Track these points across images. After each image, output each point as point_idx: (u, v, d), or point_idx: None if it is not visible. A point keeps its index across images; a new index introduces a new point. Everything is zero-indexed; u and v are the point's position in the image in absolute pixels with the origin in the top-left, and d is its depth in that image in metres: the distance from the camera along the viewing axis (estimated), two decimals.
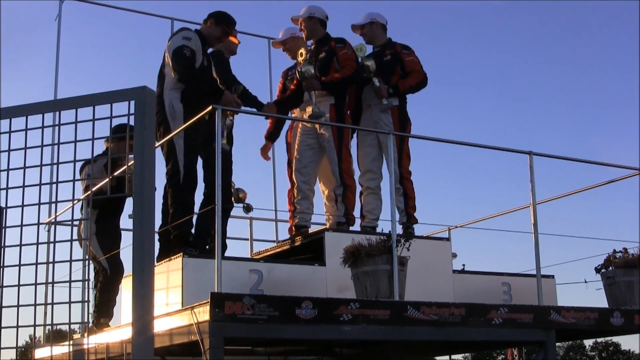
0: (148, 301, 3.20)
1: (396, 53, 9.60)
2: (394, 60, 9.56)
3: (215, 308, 6.17)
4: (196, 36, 8.63)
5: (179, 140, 8.17)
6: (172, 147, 8.18)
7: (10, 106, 3.51)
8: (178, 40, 8.51)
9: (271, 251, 9.32)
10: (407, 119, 9.55)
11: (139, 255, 3.22)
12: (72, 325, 3.47)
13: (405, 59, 9.58)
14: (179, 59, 8.35)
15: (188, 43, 8.46)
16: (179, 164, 8.19)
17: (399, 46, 9.68)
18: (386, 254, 7.27)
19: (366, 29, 9.76)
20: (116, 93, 3.39)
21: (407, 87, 9.48)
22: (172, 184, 8.21)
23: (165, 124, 8.32)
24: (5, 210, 3.64)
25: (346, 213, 9.23)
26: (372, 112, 9.51)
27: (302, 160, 9.36)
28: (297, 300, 6.57)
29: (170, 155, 8.24)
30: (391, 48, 9.66)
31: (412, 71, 9.53)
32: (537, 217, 8.46)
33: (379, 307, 6.93)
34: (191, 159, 8.28)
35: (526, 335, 7.81)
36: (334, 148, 9.22)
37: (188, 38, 8.52)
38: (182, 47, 8.40)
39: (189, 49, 8.42)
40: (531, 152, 8.55)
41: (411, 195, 9.35)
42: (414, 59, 9.62)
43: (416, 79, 9.52)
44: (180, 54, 8.37)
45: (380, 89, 9.32)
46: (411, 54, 9.64)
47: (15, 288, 3.47)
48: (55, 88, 10.92)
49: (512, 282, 9.33)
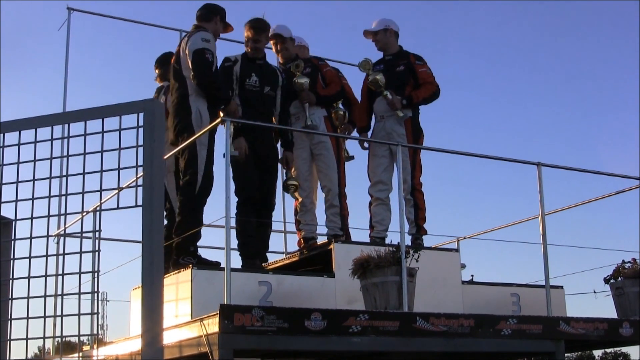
0: (157, 313, 3.21)
1: (410, 64, 9.58)
2: (407, 71, 9.53)
3: (225, 320, 6.16)
4: (212, 37, 8.56)
5: (202, 151, 8.16)
6: (194, 156, 8.16)
7: (19, 119, 3.52)
8: (198, 42, 8.41)
9: (280, 263, 9.31)
10: (420, 130, 9.54)
11: (148, 267, 3.22)
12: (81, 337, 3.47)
13: (418, 70, 9.56)
14: (202, 63, 8.28)
15: (208, 45, 8.40)
16: (197, 174, 8.17)
17: (413, 57, 9.66)
18: (395, 265, 7.26)
19: (380, 36, 9.70)
20: (125, 105, 3.40)
21: (420, 98, 9.47)
22: (186, 193, 8.20)
23: (189, 130, 8.26)
24: (14, 222, 3.64)
25: (343, 227, 9.24)
26: (384, 123, 9.48)
27: (300, 175, 9.37)
28: (307, 312, 6.56)
29: (190, 164, 8.20)
30: (404, 58, 9.64)
31: (425, 82, 9.52)
32: (546, 227, 8.44)
33: (388, 319, 6.92)
34: (210, 170, 8.28)
35: (535, 346, 7.79)
36: (333, 156, 9.31)
37: (207, 40, 8.44)
38: (204, 50, 8.33)
39: (210, 52, 8.36)
40: (539, 162, 8.53)
41: (422, 207, 9.32)
42: (426, 70, 9.61)
43: (429, 91, 9.52)
44: (203, 58, 8.29)
45: (394, 101, 9.32)
46: (424, 65, 9.63)
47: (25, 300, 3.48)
48: (64, 100, 10.93)
49: (521, 293, 9.31)
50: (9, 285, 3.61)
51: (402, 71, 9.51)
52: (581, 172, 9.48)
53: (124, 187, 3.37)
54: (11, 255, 3.61)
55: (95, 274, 3.55)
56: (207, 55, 8.31)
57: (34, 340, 3.51)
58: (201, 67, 8.28)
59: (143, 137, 3.34)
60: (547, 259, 8.35)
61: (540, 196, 8.50)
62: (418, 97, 9.45)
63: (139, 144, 3.34)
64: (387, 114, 9.45)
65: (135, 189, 3.28)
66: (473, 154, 8.72)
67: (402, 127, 9.37)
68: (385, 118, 9.47)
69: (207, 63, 8.30)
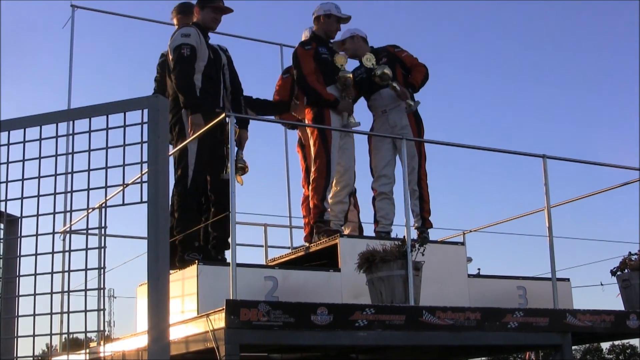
0: (164, 309, 3.21)
1: (390, 54, 9.59)
2: (392, 61, 9.53)
3: (231, 315, 6.17)
4: (195, 30, 8.51)
5: (192, 145, 8.15)
6: (185, 151, 8.14)
7: (24, 116, 3.53)
8: (177, 38, 8.44)
9: (286, 258, 9.31)
10: (421, 120, 9.55)
11: (154, 263, 3.23)
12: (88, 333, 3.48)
13: (401, 55, 9.61)
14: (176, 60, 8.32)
15: (187, 40, 8.38)
16: (188, 168, 8.17)
17: (390, 47, 9.70)
18: (401, 259, 7.27)
19: (347, 44, 9.68)
20: (129, 102, 3.40)
21: (420, 82, 9.52)
22: (179, 188, 8.20)
23: (180, 124, 8.29)
24: (20, 219, 3.65)
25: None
26: (387, 117, 9.47)
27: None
28: (313, 307, 6.56)
29: (182, 159, 8.21)
30: (382, 52, 9.65)
31: (413, 65, 9.59)
32: (552, 220, 8.43)
33: (394, 313, 6.92)
34: (202, 164, 8.25)
35: (542, 339, 7.79)
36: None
37: (187, 35, 8.43)
38: (181, 45, 8.35)
39: (187, 46, 8.34)
40: (545, 155, 8.51)
41: (426, 199, 9.34)
42: (408, 53, 9.67)
43: (422, 73, 9.58)
44: (179, 54, 8.33)
45: (404, 91, 9.32)
46: (403, 50, 9.69)
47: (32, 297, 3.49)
48: (69, 96, 10.96)
49: (528, 286, 9.30)
50: (15, 283, 3.62)
51: (387, 63, 9.48)
52: (586, 164, 9.46)
53: (129, 183, 3.37)
54: (17, 253, 3.62)
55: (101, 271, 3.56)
56: (182, 51, 8.34)
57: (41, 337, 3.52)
58: (175, 62, 8.36)
59: (148, 134, 3.34)
60: (553, 252, 8.34)
61: (545, 188, 8.48)
62: (417, 82, 9.50)
63: (144, 140, 3.34)
64: (389, 107, 9.45)
65: (140, 185, 3.29)
66: (479, 147, 8.70)
67: (405, 118, 9.37)
68: (388, 111, 9.47)
69: (182, 57, 8.33)
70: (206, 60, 8.46)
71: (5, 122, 3.53)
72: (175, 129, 8.29)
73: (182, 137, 8.19)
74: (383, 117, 9.52)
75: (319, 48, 9.31)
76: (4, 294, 3.75)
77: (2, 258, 3.78)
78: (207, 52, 8.49)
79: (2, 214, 3.70)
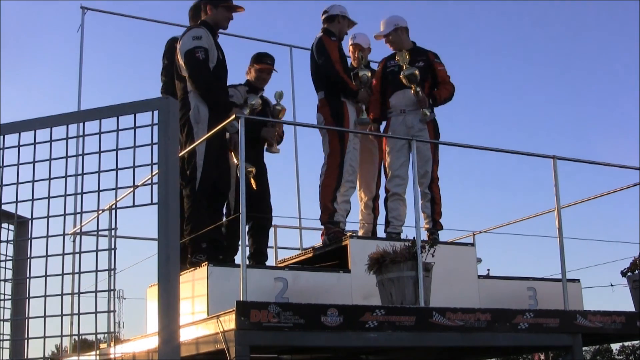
0: (174, 310, 3.21)
1: (429, 61, 9.55)
2: (427, 68, 9.50)
3: (241, 316, 6.17)
4: (205, 31, 8.42)
5: (200, 147, 8.14)
6: (193, 152, 8.13)
7: (34, 118, 3.53)
8: (188, 42, 8.32)
9: (296, 259, 9.31)
10: (438, 127, 9.54)
11: (164, 264, 3.23)
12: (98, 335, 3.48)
13: (437, 68, 9.57)
14: (194, 64, 8.22)
15: (199, 43, 8.27)
16: (197, 170, 8.16)
17: (431, 54, 9.64)
18: (411, 260, 7.26)
19: (392, 36, 9.65)
20: (140, 103, 3.40)
21: (442, 99, 9.52)
22: (189, 189, 8.20)
23: (188, 126, 8.27)
24: (31, 221, 3.66)
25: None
26: (405, 117, 9.43)
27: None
28: (323, 308, 6.56)
29: (190, 160, 8.21)
30: (422, 55, 9.60)
31: (444, 82, 9.55)
32: (562, 221, 8.42)
33: (404, 314, 6.92)
34: (210, 166, 8.24)
35: (553, 340, 7.78)
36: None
37: (198, 37, 8.31)
38: (194, 49, 8.23)
39: (201, 49, 8.24)
40: (555, 156, 8.50)
41: (438, 202, 9.33)
42: (444, 69, 9.63)
43: (448, 92, 9.57)
44: (193, 58, 8.21)
45: (424, 99, 9.30)
46: (442, 64, 9.64)
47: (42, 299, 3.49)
48: (79, 98, 10.95)
49: (538, 287, 9.29)
50: (26, 284, 3.63)
51: (422, 68, 9.40)
52: (596, 164, 9.43)
53: (139, 184, 3.37)
54: (28, 254, 3.62)
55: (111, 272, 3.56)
56: (197, 55, 8.22)
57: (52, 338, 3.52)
58: (194, 68, 8.24)
59: (158, 135, 3.34)
60: (564, 253, 8.33)
61: (555, 189, 8.47)
62: (441, 98, 9.49)
63: (154, 142, 3.34)
64: (409, 108, 9.41)
65: (151, 186, 3.29)
66: (489, 148, 8.70)
67: (424, 123, 9.34)
68: (407, 112, 9.43)
69: (198, 62, 8.23)
70: (215, 61, 8.41)
71: (16, 124, 3.53)
72: (183, 130, 8.28)
73: (191, 139, 8.18)
74: (401, 116, 9.46)
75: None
76: (14, 296, 3.76)
77: (13, 260, 3.79)
78: (216, 53, 8.45)
79: (13, 216, 3.70)
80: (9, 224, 3.87)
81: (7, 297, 3.78)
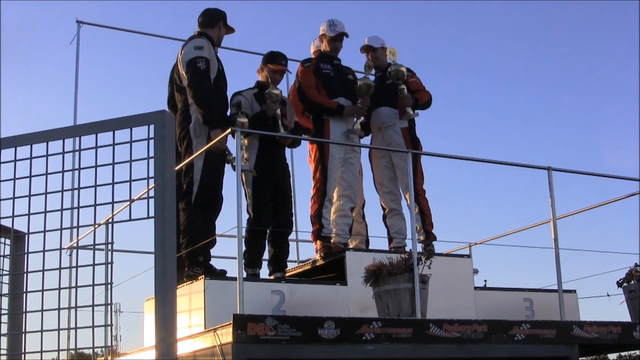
0: (171, 323, 3.21)
1: None
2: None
3: (238, 329, 6.17)
4: (207, 42, 8.45)
5: (198, 161, 8.15)
6: (190, 166, 8.14)
7: (31, 132, 3.53)
8: (190, 51, 8.33)
9: (293, 271, 9.31)
10: (417, 139, 9.67)
11: (161, 277, 3.23)
12: (95, 348, 3.48)
13: (409, 80, 9.71)
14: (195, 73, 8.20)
15: (201, 53, 8.28)
16: (193, 184, 8.18)
17: None
18: (407, 272, 7.27)
19: (378, 53, 9.88)
20: (136, 117, 3.41)
21: (424, 102, 9.67)
22: (184, 203, 8.21)
23: (188, 139, 8.28)
24: (27, 235, 3.66)
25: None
26: (383, 135, 9.58)
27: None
28: (320, 320, 6.57)
29: (187, 173, 8.21)
30: None
31: (418, 90, 9.74)
32: (558, 231, 8.43)
33: (401, 326, 6.92)
34: (207, 180, 8.23)
35: (549, 351, 7.78)
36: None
37: (200, 47, 8.33)
38: (196, 59, 8.24)
39: (202, 59, 8.26)
40: (550, 167, 8.52)
41: (427, 213, 9.39)
42: (416, 79, 9.85)
43: (427, 95, 9.74)
44: (195, 67, 8.21)
45: (408, 97, 9.45)
46: (414, 76, 9.84)
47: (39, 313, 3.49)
48: (75, 112, 10.93)
49: (534, 298, 9.31)
50: (22, 299, 3.63)
51: (392, 84, 9.61)
52: (591, 175, 9.44)
53: (136, 198, 3.38)
54: (25, 269, 3.62)
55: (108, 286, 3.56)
56: (198, 65, 8.23)
57: (49, 352, 3.52)
58: (194, 77, 8.24)
59: (154, 149, 3.34)
60: (560, 263, 8.34)
61: (551, 200, 8.49)
62: (422, 100, 9.66)
63: (150, 156, 3.35)
64: (385, 125, 9.58)
65: (147, 200, 3.29)
66: (483, 159, 8.73)
67: (400, 136, 9.47)
68: (383, 129, 9.61)
69: (199, 72, 8.23)
70: (216, 72, 8.43)
71: (12, 138, 3.53)
72: (183, 142, 8.28)
73: (190, 152, 8.20)
74: (379, 134, 9.67)
75: (320, 64, 9.37)
76: (11, 310, 3.76)
77: (10, 274, 3.79)
78: (217, 65, 8.47)
79: (10, 230, 3.71)
80: (6, 239, 3.87)
81: (4, 311, 3.77)
